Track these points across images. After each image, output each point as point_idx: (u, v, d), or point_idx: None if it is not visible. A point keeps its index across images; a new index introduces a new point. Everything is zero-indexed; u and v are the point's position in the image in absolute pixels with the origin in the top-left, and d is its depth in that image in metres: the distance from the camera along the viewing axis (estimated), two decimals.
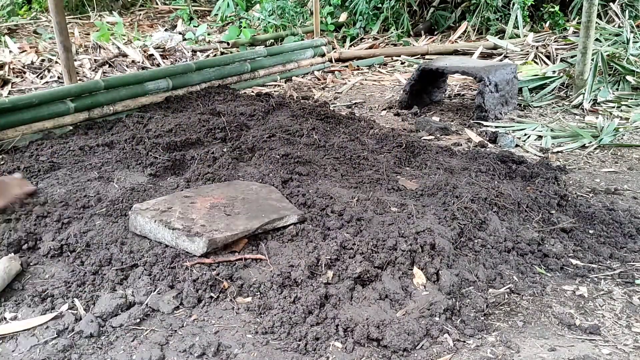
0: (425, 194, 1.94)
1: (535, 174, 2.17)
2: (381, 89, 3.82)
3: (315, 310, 1.32)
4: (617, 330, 1.32)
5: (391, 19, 5.39)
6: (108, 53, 4.40)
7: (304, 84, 3.96)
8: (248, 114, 2.80)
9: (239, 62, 3.72)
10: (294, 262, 1.46)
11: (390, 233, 1.59)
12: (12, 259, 1.49)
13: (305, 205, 1.79)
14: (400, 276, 1.46)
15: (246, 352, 1.23)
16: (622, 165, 2.38)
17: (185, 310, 1.36)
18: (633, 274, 1.54)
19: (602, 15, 4.34)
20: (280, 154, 2.21)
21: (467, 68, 3.01)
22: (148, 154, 2.24)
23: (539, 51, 3.99)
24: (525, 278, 1.54)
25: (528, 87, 3.44)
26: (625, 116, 2.94)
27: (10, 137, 2.46)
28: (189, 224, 1.54)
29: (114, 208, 1.76)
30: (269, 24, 5.44)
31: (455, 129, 2.87)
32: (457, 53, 4.52)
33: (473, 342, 1.28)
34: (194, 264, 1.46)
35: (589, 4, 3.04)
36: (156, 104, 3.04)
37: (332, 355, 1.22)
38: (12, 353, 1.23)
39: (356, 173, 2.11)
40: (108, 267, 1.50)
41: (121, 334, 1.28)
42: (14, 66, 3.89)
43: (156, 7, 7.03)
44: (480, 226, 1.72)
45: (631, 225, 1.79)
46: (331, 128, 2.66)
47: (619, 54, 3.51)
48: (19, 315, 1.36)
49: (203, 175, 2.02)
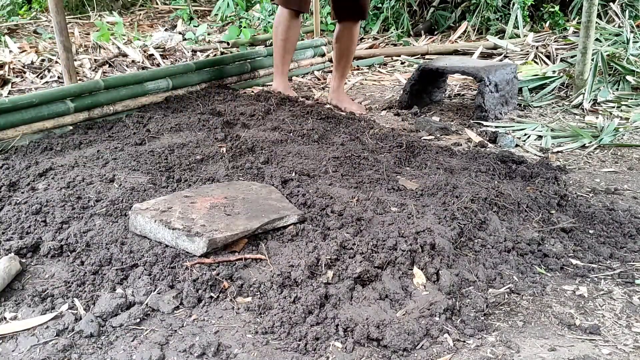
0: (425, 194, 1.94)
1: (535, 174, 2.17)
2: (381, 89, 3.82)
3: (315, 310, 1.32)
4: (617, 330, 1.32)
5: (391, 19, 5.39)
6: (108, 53, 4.40)
7: (304, 83, 3.96)
8: (248, 113, 2.80)
9: (239, 62, 3.72)
10: (294, 262, 1.46)
11: (390, 233, 1.59)
12: (12, 259, 1.49)
13: (305, 205, 1.79)
14: (400, 276, 1.46)
15: (246, 352, 1.23)
16: (622, 165, 2.38)
17: (185, 310, 1.36)
18: (633, 274, 1.55)
19: (602, 15, 4.34)
20: (281, 154, 2.21)
21: (467, 68, 3.01)
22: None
23: (539, 51, 3.99)
24: (525, 278, 1.54)
25: (528, 87, 3.44)
26: (625, 116, 2.94)
27: (10, 137, 2.46)
28: (189, 224, 1.54)
29: (114, 208, 1.76)
30: (269, 24, 5.44)
31: (455, 129, 2.87)
32: (457, 53, 4.52)
33: (473, 342, 1.28)
34: (194, 264, 1.46)
35: (589, 4, 3.04)
36: (156, 104, 3.04)
37: (332, 355, 1.22)
38: (12, 353, 1.23)
39: (356, 173, 2.11)
40: (108, 267, 1.50)
41: (121, 333, 1.28)
42: (14, 66, 3.89)
43: (156, 7, 7.03)
44: (480, 226, 1.73)
45: (631, 225, 1.79)
46: (331, 128, 2.66)
47: (619, 54, 3.51)
48: (19, 315, 1.36)
49: (203, 175, 2.02)
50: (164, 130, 2.55)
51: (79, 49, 4.42)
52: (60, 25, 2.73)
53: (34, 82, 3.73)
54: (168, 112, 2.89)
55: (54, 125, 2.63)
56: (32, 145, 2.41)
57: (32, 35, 5.16)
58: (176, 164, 2.14)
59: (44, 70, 3.94)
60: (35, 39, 4.90)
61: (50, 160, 2.20)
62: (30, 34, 5.25)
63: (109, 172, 2.04)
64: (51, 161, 2.19)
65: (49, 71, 3.95)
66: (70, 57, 2.82)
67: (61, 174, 2.06)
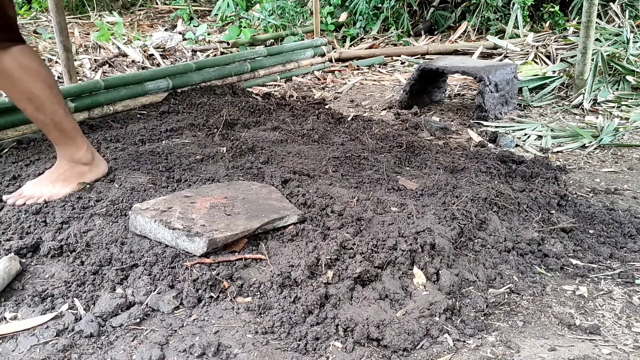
0: (425, 193, 1.94)
1: (535, 174, 2.17)
2: (381, 89, 3.82)
3: (315, 310, 1.32)
4: (617, 330, 1.32)
5: (391, 19, 5.39)
6: (108, 53, 4.40)
7: (304, 83, 3.96)
8: (248, 113, 2.80)
9: (239, 62, 3.72)
10: (294, 262, 1.46)
11: (390, 233, 1.59)
12: (12, 258, 1.49)
13: (305, 205, 1.79)
14: (400, 276, 1.46)
15: (246, 352, 1.23)
16: (622, 165, 2.38)
17: (185, 310, 1.36)
18: (633, 274, 1.54)
19: (602, 15, 4.34)
20: (281, 154, 2.21)
21: (467, 68, 3.01)
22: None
23: (539, 51, 3.99)
24: (525, 278, 1.54)
25: (528, 87, 3.44)
26: (625, 116, 2.94)
27: (10, 137, 2.46)
28: (189, 224, 1.54)
29: (114, 208, 1.76)
30: (269, 24, 5.44)
31: (455, 129, 2.87)
32: (457, 53, 4.52)
33: (473, 342, 1.28)
34: (194, 264, 1.46)
35: (589, 4, 3.04)
36: (156, 104, 3.04)
37: (332, 355, 1.22)
38: (12, 353, 1.23)
39: (356, 173, 2.11)
40: (108, 267, 1.50)
41: (121, 333, 1.28)
42: None
43: (156, 7, 7.03)
44: (480, 226, 1.72)
45: (631, 225, 1.79)
46: (331, 128, 2.66)
47: (619, 54, 3.51)
48: (19, 315, 1.36)
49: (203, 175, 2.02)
50: (164, 130, 2.55)
51: (79, 49, 4.43)
52: (60, 25, 2.73)
53: None
54: (168, 112, 2.89)
55: None
56: (32, 145, 2.41)
57: (32, 35, 5.16)
58: (176, 164, 2.14)
59: None
60: (35, 39, 4.90)
61: (50, 161, 2.20)
62: (30, 34, 5.25)
63: (109, 171, 2.04)
64: (51, 161, 2.19)
65: None
66: (70, 57, 2.82)
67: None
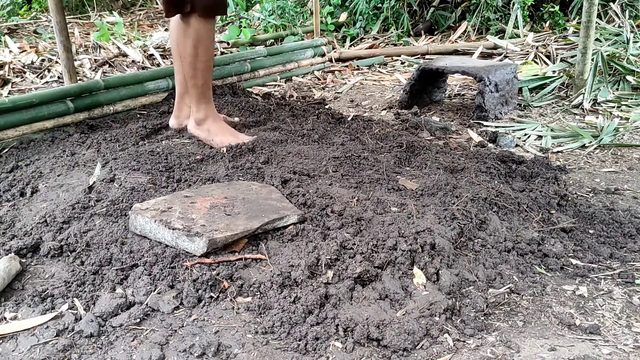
0: (425, 194, 1.94)
1: (535, 174, 2.17)
2: (381, 89, 3.82)
3: (315, 310, 1.32)
4: (617, 330, 1.32)
5: (391, 19, 5.39)
6: (108, 53, 4.40)
7: (304, 83, 3.96)
8: (248, 113, 2.80)
9: (239, 62, 3.72)
10: (294, 262, 1.46)
11: (390, 233, 1.59)
12: (12, 258, 1.49)
13: (305, 205, 1.79)
14: (400, 276, 1.46)
15: (246, 352, 1.23)
16: (622, 165, 2.38)
17: (185, 310, 1.36)
18: (633, 274, 1.55)
19: (602, 15, 4.34)
20: (281, 154, 2.21)
21: (467, 68, 3.01)
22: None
23: (539, 51, 3.99)
24: (525, 278, 1.54)
25: (528, 87, 3.44)
26: (625, 116, 2.94)
27: (10, 137, 2.46)
28: (189, 224, 1.54)
29: (114, 208, 1.76)
30: (269, 24, 5.44)
31: (455, 129, 2.87)
32: (457, 53, 4.52)
33: (473, 342, 1.28)
34: (194, 264, 1.46)
35: (589, 4, 3.04)
36: (156, 104, 3.04)
37: (332, 355, 1.22)
38: (12, 353, 1.23)
39: (356, 173, 2.11)
40: (108, 267, 1.50)
41: (121, 333, 1.28)
42: (14, 66, 3.89)
43: (156, 7, 7.03)
44: (480, 226, 1.73)
45: (631, 225, 1.79)
46: (331, 128, 2.66)
47: (619, 54, 3.51)
48: (19, 315, 1.36)
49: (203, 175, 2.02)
50: (164, 130, 2.55)
51: (79, 49, 4.42)
52: (60, 25, 2.73)
53: (34, 82, 3.73)
54: (168, 112, 2.89)
55: (54, 125, 2.63)
56: (32, 145, 2.41)
57: (32, 35, 5.16)
58: (176, 164, 2.14)
59: (44, 70, 3.94)
60: (35, 39, 4.90)
61: (50, 161, 2.20)
62: (30, 34, 5.25)
63: (109, 172, 2.04)
64: (51, 161, 2.19)
65: (49, 71, 3.95)
66: (70, 57, 2.82)
67: (63, 173, 2.06)
